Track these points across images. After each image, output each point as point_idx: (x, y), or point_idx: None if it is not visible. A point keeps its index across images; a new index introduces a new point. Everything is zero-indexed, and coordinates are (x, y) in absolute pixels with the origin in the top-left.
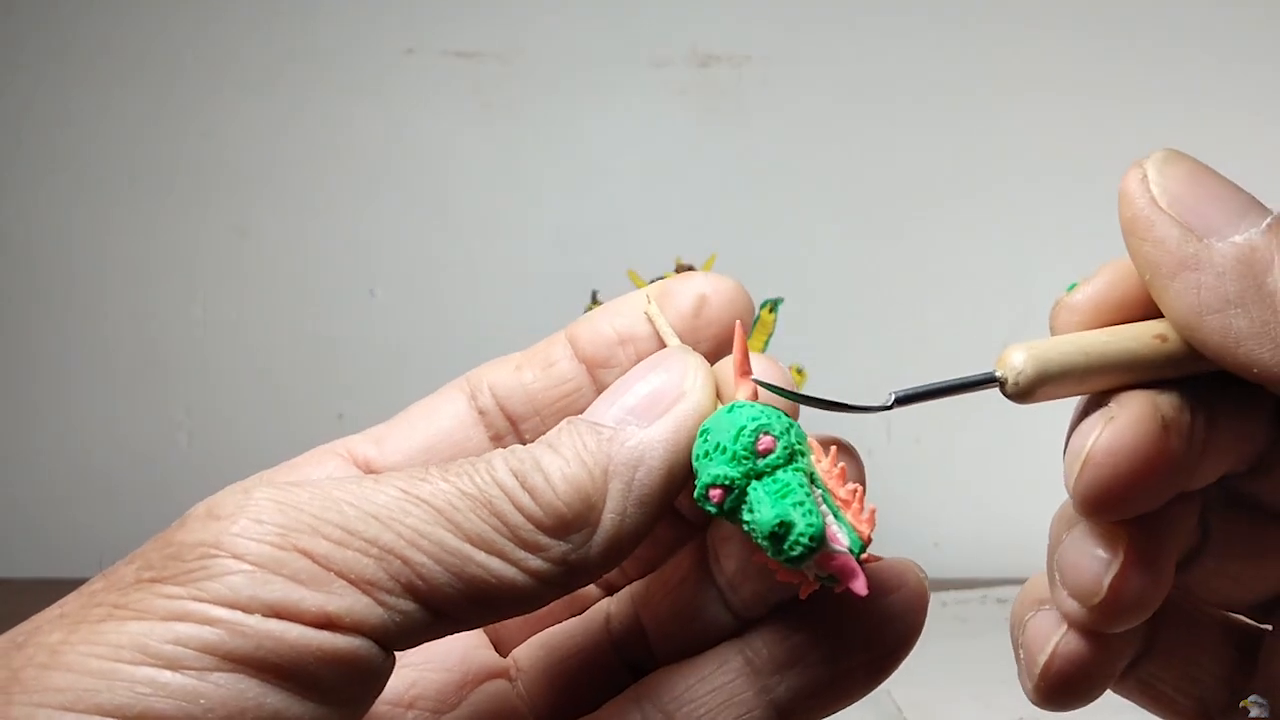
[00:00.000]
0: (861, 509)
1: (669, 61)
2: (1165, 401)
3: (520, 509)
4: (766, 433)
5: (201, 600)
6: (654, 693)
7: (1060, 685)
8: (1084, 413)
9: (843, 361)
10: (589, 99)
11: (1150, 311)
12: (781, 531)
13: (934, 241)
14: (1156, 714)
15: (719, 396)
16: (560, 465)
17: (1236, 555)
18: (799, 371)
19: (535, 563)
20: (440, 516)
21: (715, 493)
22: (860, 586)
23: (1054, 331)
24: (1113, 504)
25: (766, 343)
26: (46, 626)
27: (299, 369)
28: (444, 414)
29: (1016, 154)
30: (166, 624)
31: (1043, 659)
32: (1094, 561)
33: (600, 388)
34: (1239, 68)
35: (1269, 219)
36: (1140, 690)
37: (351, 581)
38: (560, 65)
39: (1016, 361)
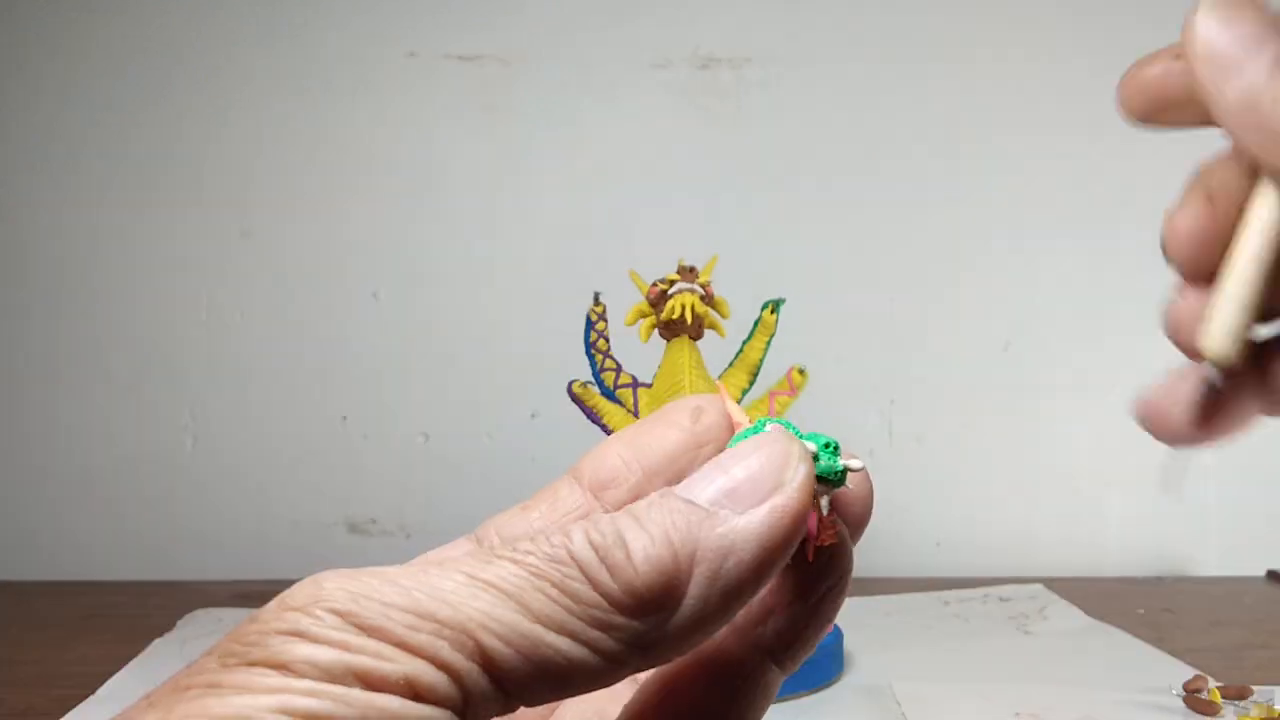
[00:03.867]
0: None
1: (670, 63)
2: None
3: (596, 585)
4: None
5: (298, 675)
6: None
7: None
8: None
9: (843, 361)
10: (590, 101)
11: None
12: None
13: (934, 241)
14: None
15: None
16: (645, 543)
17: None
18: (800, 372)
19: (607, 643)
20: (509, 599)
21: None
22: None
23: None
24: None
25: (768, 343)
26: (136, 716)
27: (303, 371)
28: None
29: (1017, 154)
30: (271, 695)
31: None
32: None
33: (608, 508)
34: None
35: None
36: None
37: (430, 660)
38: (561, 67)
39: (1212, 347)
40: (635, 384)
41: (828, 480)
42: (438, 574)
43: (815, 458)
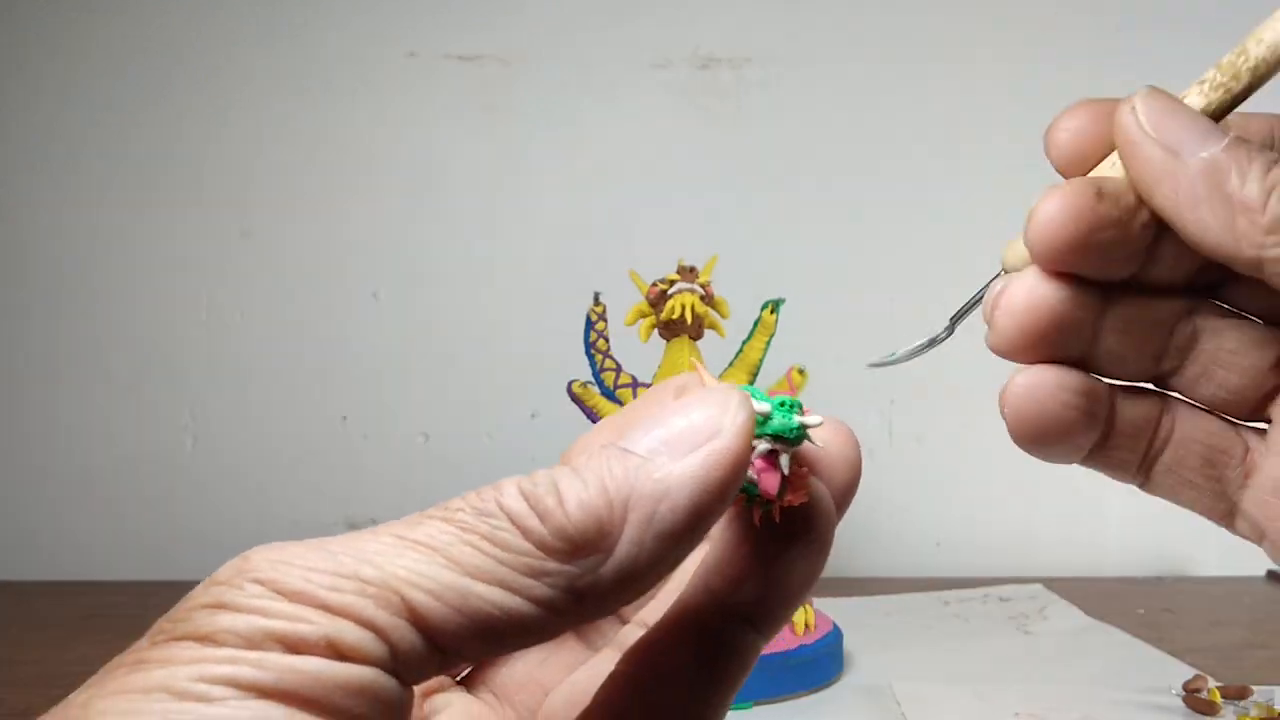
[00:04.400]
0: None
1: (670, 63)
2: (1104, 177)
3: (527, 534)
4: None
5: (219, 645)
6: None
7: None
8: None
9: (843, 362)
10: (590, 101)
11: None
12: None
13: (935, 241)
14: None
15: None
16: (579, 489)
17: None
18: (800, 372)
19: (541, 590)
20: (437, 555)
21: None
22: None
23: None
24: (1058, 257)
25: (767, 343)
26: (73, 696)
27: (303, 371)
28: None
29: (1017, 155)
30: (190, 666)
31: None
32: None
33: None
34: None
35: (1227, 139)
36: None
37: (354, 620)
38: (561, 67)
39: (1015, 259)
40: (635, 384)
41: (784, 439)
42: (368, 537)
43: (769, 416)
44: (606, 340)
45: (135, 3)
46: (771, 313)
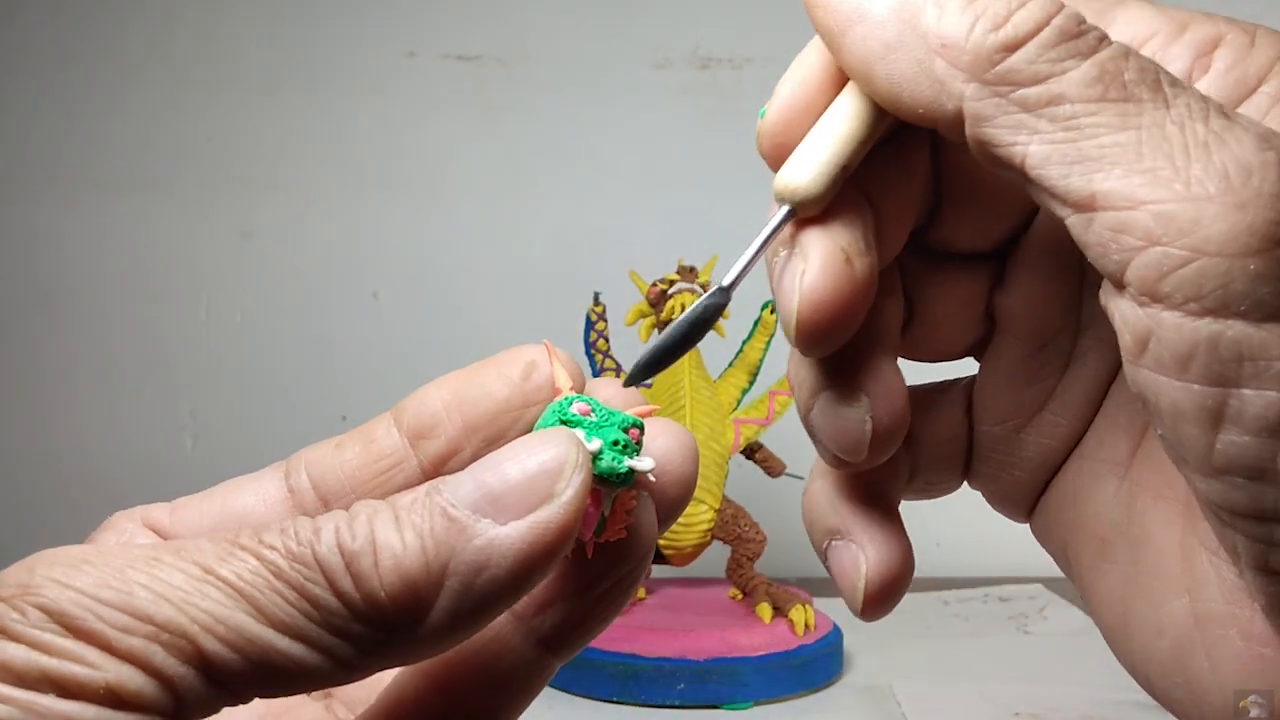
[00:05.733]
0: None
1: (670, 63)
2: (840, 233)
3: (339, 593)
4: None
5: None
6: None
7: (879, 607)
8: (774, 255)
9: None
10: (590, 101)
11: (832, 98)
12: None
13: None
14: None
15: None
16: (397, 550)
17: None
18: None
19: (345, 650)
20: (241, 599)
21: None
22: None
23: (763, 154)
24: (829, 339)
25: (768, 343)
26: None
27: (303, 371)
28: (250, 491)
29: None
30: None
31: (861, 589)
32: (850, 423)
33: (421, 460)
34: None
35: None
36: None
37: (140, 667)
38: (561, 67)
39: (796, 180)
40: None
41: (610, 481)
42: (171, 562)
43: (598, 456)
44: (606, 340)
45: (134, 4)
46: (771, 313)
